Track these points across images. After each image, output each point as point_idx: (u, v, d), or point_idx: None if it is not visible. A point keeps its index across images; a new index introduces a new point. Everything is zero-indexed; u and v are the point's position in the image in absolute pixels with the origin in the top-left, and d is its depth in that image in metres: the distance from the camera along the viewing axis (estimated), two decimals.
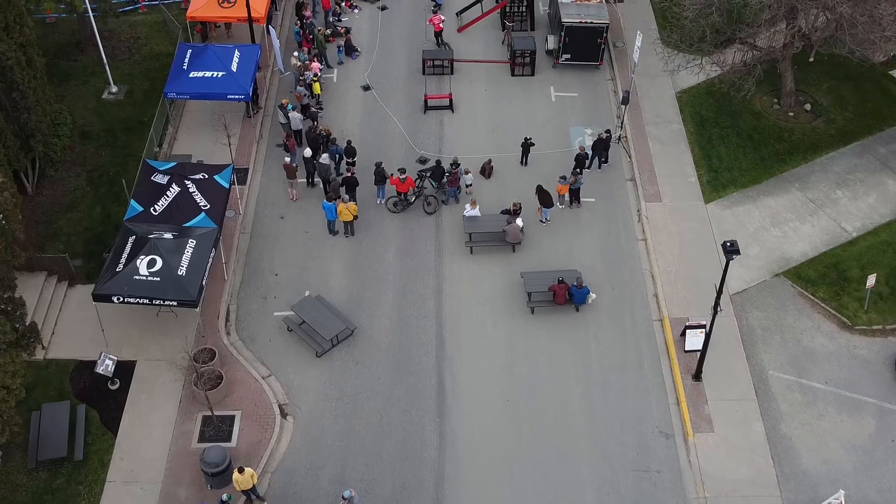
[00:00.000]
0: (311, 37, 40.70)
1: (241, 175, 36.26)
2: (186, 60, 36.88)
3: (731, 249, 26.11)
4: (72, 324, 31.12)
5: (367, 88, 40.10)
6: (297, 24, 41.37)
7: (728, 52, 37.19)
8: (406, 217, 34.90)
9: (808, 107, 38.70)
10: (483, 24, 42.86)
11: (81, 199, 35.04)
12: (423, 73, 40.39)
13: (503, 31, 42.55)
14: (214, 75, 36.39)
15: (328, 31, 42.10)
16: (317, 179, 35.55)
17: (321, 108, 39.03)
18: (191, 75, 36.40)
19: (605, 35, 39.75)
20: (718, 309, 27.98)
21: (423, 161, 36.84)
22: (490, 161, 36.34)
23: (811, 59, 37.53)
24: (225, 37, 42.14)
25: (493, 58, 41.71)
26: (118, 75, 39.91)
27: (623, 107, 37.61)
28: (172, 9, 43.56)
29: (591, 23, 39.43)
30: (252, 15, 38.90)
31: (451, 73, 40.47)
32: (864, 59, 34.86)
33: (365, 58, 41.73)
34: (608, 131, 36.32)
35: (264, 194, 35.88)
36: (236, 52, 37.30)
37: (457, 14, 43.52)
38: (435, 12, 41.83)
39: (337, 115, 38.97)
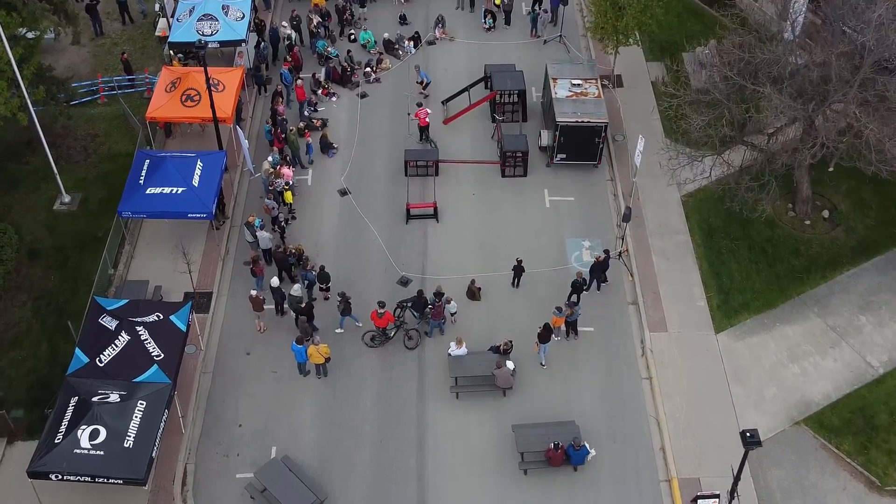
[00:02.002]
0: (283, 136, 37.28)
1: (204, 301, 32.91)
2: (143, 173, 33.47)
3: (751, 441, 22.80)
4: (8, 491, 27.75)
5: (344, 193, 36.73)
6: (268, 122, 37.92)
7: (737, 152, 34.02)
8: (385, 353, 31.54)
9: (825, 214, 35.38)
10: (471, 114, 39.47)
11: (26, 333, 31.69)
12: (406, 175, 37.02)
13: (493, 123, 39.18)
14: (173, 191, 32.98)
15: (303, 125, 38.71)
16: (287, 307, 32.20)
17: (294, 218, 35.68)
18: (147, 191, 32.99)
19: (603, 134, 36.38)
20: (736, 495, 24.68)
21: (404, 283, 33.49)
22: (474, 282, 33.01)
23: (830, 169, 34.19)
24: (188, 133, 38.70)
25: (481, 154, 38.33)
26: (72, 180, 36.50)
27: (624, 224, 34.23)
28: (135, 98, 40.21)
29: (589, 122, 36.06)
30: (218, 115, 35.51)
31: (436, 174, 37.10)
32: (891, 175, 31.55)
33: (343, 155, 38.32)
34: (607, 251, 32.99)
35: (229, 324, 32.50)
36: (199, 162, 33.88)
37: (442, 103, 40.14)
38: (420, 105, 38.39)
39: (311, 225, 35.58)
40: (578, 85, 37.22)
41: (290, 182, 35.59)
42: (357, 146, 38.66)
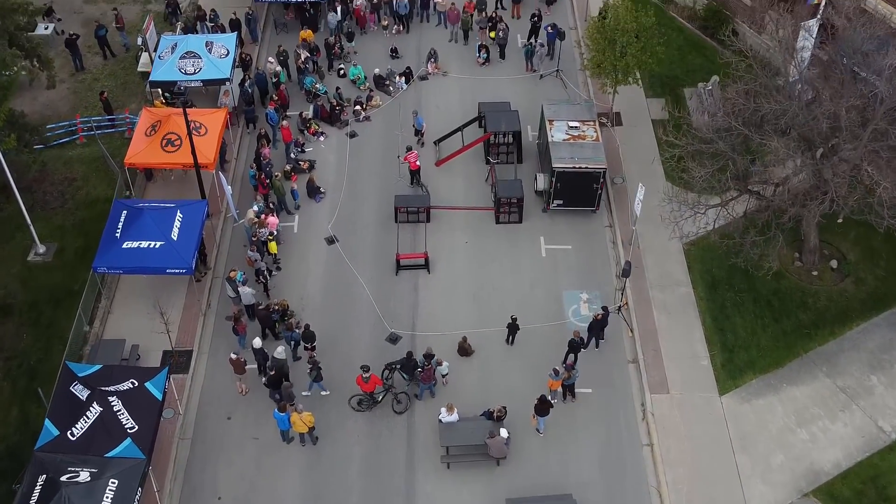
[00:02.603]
0: (267, 181, 35.76)
1: (184, 360, 31.40)
2: (120, 225, 31.91)
3: None
4: None
5: (331, 242, 35.21)
6: (252, 167, 36.38)
7: (742, 199, 32.54)
8: (372, 417, 30.03)
9: (833, 264, 33.87)
10: (464, 155, 37.94)
11: None
12: (396, 221, 35.50)
13: (487, 164, 37.68)
14: (151, 246, 31.43)
15: (289, 168, 37.19)
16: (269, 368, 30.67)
17: (279, 269, 34.18)
18: (124, 245, 31.43)
19: (602, 180, 34.87)
20: None
21: (393, 340, 31.98)
22: (466, 339, 31.51)
23: (840, 220, 32.69)
24: (170, 177, 37.15)
25: (475, 198, 36.81)
26: (47, 229, 35.00)
27: (624, 279, 32.74)
28: (115, 139, 38.67)
29: (586, 168, 34.54)
30: (200, 161, 34.00)
31: (428, 220, 35.58)
32: None
33: (331, 200, 36.78)
34: (605, 308, 31.48)
35: (210, 385, 30.99)
36: (178, 214, 32.33)
37: (435, 143, 38.61)
38: (409, 149, 36.83)
39: (296, 276, 34.07)
40: (576, 127, 35.71)
41: (275, 231, 34.05)
42: (345, 190, 37.13)
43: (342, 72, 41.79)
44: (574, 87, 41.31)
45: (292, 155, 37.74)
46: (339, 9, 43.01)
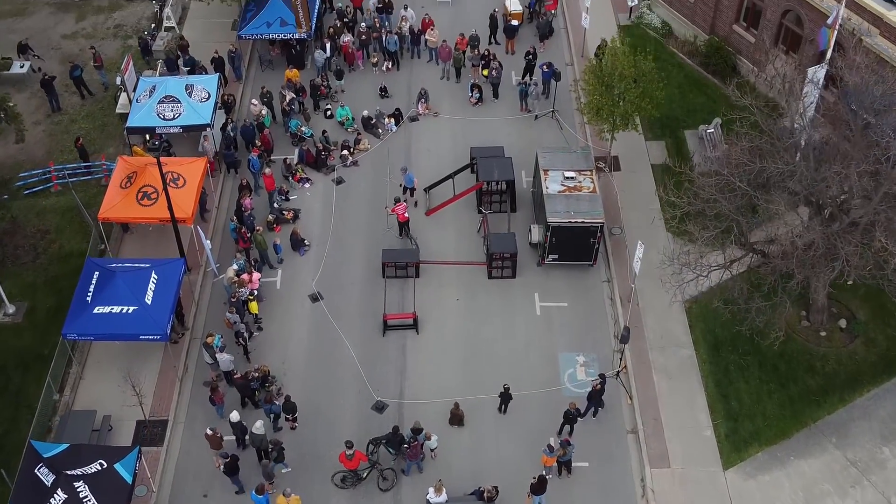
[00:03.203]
0: (248, 236, 34.12)
1: (159, 430, 29.80)
2: (91, 288, 30.29)
3: None
4: None
5: (315, 299, 33.59)
6: (232, 220, 34.73)
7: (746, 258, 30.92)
8: (357, 496, 28.42)
9: (842, 323, 32.27)
10: (456, 203, 36.31)
11: None
12: (384, 276, 33.88)
13: (479, 213, 36.06)
14: (124, 311, 29.80)
15: (272, 219, 35.57)
16: (248, 441, 29.09)
17: (260, 329, 32.59)
18: (95, 311, 29.80)
19: (599, 234, 33.27)
20: None
21: (379, 409, 30.37)
22: (458, 406, 29.90)
23: (850, 282, 31.05)
24: (148, 229, 35.48)
25: (466, 249, 35.21)
26: (18, 286, 33.39)
27: (623, 347, 31.12)
28: (91, 186, 37.05)
29: (583, 222, 32.93)
30: (177, 215, 32.41)
31: (417, 276, 33.98)
32: None
33: (315, 253, 35.17)
34: (602, 377, 29.87)
35: (185, 460, 29.36)
36: (153, 275, 30.69)
37: (425, 190, 36.98)
38: (398, 200, 35.17)
39: (278, 337, 32.45)
40: (571, 178, 34.07)
41: (255, 292, 32.43)
42: (331, 242, 35.49)
43: (329, 112, 40.17)
44: (570, 128, 39.67)
45: (276, 205, 36.10)
46: (327, 46, 41.37)
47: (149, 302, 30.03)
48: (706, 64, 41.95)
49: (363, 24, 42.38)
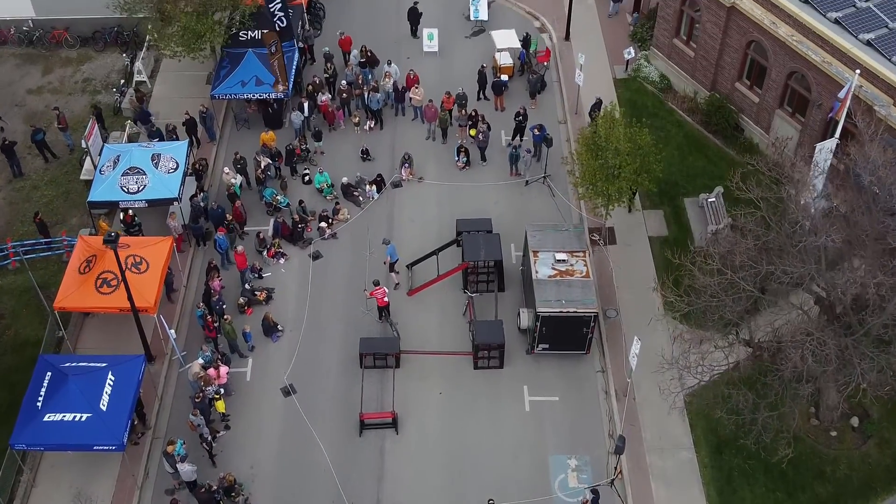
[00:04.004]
0: (215, 325, 31.78)
1: None
2: (43, 391, 28.00)
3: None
4: None
5: (288, 393, 31.28)
6: (199, 306, 32.38)
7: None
8: None
9: (854, 422, 29.99)
10: (441, 283, 33.97)
11: None
12: (361, 367, 31.58)
13: (464, 291, 33.75)
14: (77, 418, 27.50)
15: (243, 301, 33.26)
16: None
17: (227, 428, 30.30)
18: (46, 418, 27.50)
19: (592, 324, 30.97)
20: None
21: None
22: None
23: (863, 387, 28.72)
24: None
25: (450, 334, 32.92)
26: None
27: (618, 456, 28.79)
28: (52, 263, 34.74)
29: (576, 312, 30.62)
30: (139, 304, 30.13)
31: (397, 366, 31.68)
32: None
33: (289, 339, 32.85)
34: (595, 492, 27.58)
35: None
36: (109, 377, 28.38)
37: (408, 267, 34.67)
38: (377, 284, 32.83)
39: (247, 437, 30.16)
40: (563, 261, 31.76)
41: (222, 391, 30.10)
42: (306, 326, 33.17)
43: (307, 178, 37.83)
44: (563, 195, 37.31)
45: (248, 284, 33.77)
46: (305, 105, 39.01)
47: (104, 408, 27.71)
48: (707, 123, 39.63)
49: (344, 82, 40.04)
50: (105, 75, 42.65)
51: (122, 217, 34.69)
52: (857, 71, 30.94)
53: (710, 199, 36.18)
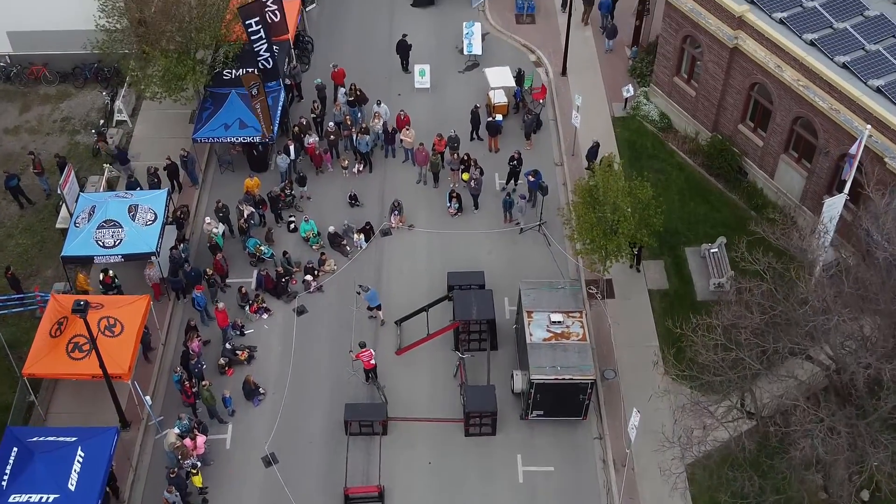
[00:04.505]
0: (193, 390, 30.28)
1: None
2: (8, 470, 26.46)
3: None
4: None
5: (269, 463, 29.79)
6: (176, 371, 30.84)
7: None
8: None
9: (865, 495, 28.42)
10: (431, 341, 32.45)
11: None
12: (347, 434, 30.07)
13: (455, 350, 32.25)
14: (43, 500, 25.99)
15: (224, 362, 31.76)
16: None
17: (205, 502, 28.78)
18: (11, 500, 25.98)
19: (589, 391, 29.47)
20: None
21: None
22: None
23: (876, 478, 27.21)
24: None
25: (441, 397, 31.46)
26: None
27: None
28: (25, 320, 33.21)
29: (572, 379, 29.11)
30: (112, 371, 28.66)
31: (384, 433, 30.17)
32: None
33: (272, 402, 31.35)
34: None
35: None
36: (79, 452, 26.88)
37: (396, 323, 33.19)
38: (363, 346, 31.30)
39: None
40: (558, 323, 30.23)
41: (198, 464, 28.57)
42: (289, 388, 31.68)
43: (293, 225, 36.31)
44: (559, 245, 35.75)
45: (228, 344, 32.23)
46: (291, 148, 37.48)
47: (72, 488, 26.22)
48: (709, 166, 38.09)
49: (331, 123, 38.50)
50: (84, 114, 41.09)
51: (101, 278, 33.15)
52: (868, 127, 29.35)
53: (712, 250, 34.71)
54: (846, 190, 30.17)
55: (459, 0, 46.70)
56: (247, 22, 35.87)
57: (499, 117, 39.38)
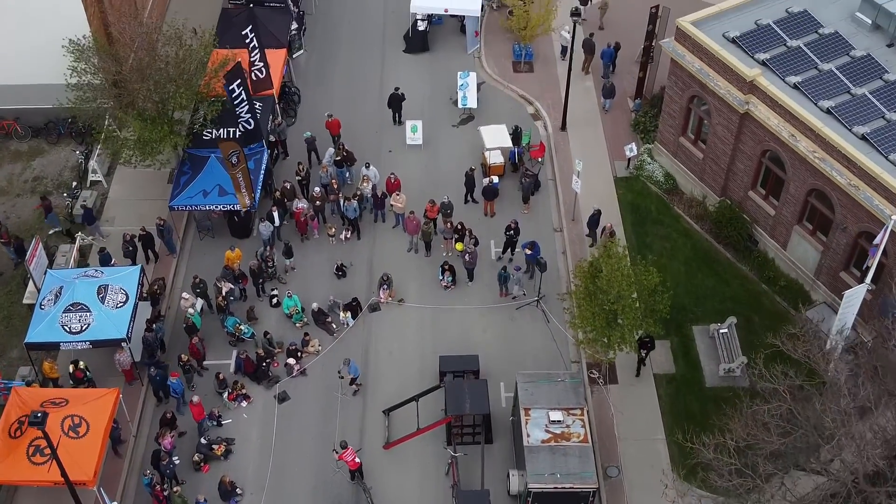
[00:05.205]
0: (164, 495, 28.11)
1: None
2: None
3: None
4: None
5: None
6: (146, 473, 28.68)
7: None
8: None
9: None
10: (421, 435, 30.36)
11: None
12: None
13: (448, 446, 30.07)
14: None
15: (198, 458, 29.61)
16: None
17: None
18: None
19: (591, 499, 27.32)
20: None
21: None
22: None
23: None
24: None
25: (432, 498, 29.35)
26: None
27: None
28: None
29: (572, 488, 26.97)
30: (75, 478, 26.47)
31: None
32: None
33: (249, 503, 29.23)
34: None
35: None
36: None
37: (384, 412, 31.05)
38: (345, 446, 29.11)
39: None
40: (558, 423, 28.10)
41: None
42: (269, 487, 29.52)
43: (276, 300, 34.15)
44: (558, 322, 33.61)
45: (203, 439, 30.06)
46: (275, 214, 35.31)
47: None
48: (718, 233, 35.94)
49: (317, 189, 36.31)
50: (57, 173, 38.88)
51: (70, 370, 30.97)
52: (894, 217, 27.25)
53: (721, 330, 32.62)
54: (869, 279, 28.08)
55: (454, 46, 44.58)
56: (230, 87, 33.70)
57: (495, 179, 37.16)
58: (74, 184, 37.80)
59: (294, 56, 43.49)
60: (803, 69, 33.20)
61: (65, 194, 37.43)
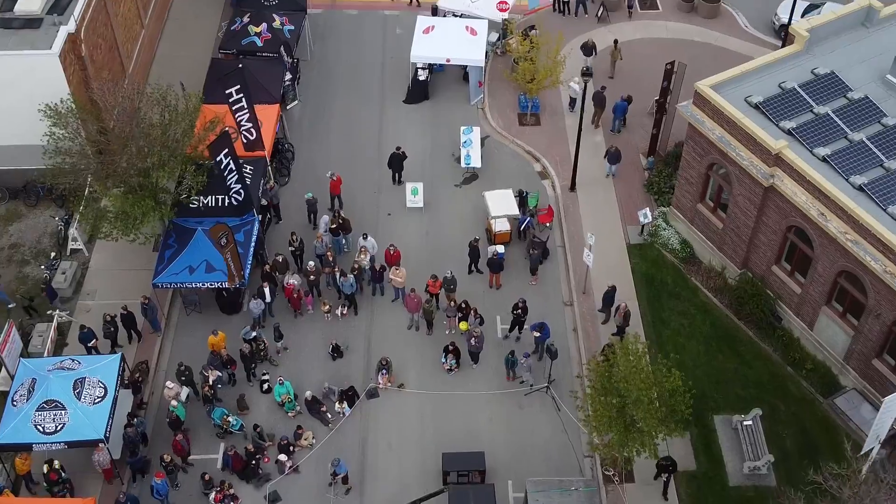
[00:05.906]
0: None
1: None
2: None
3: None
4: None
5: None
6: None
7: None
8: None
9: None
10: None
11: None
12: None
13: None
14: None
15: None
16: None
17: None
18: None
19: None
20: None
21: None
22: None
23: None
24: None
25: None
26: None
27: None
28: None
29: None
30: None
31: None
32: None
33: None
34: None
35: None
36: None
37: None
38: None
39: None
40: None
41: None
42: None
43: (267, 386, 31.89)
44: (569, 411, 31.32)
45: None
46: (265, 291, 33.04)
47: None
48: (738, 309, 33.66)
49: (311, 263, 34.01)
50: (35, 240, 36.61)
51: (45, 471, 28.69)
52: None
53: (745, 423, 30.33)
54: None
55: (456, 95, 42.33)
56: (217, 159, 31.46)
57: (500, 249, 34.85)
58: (53, 254, 35.49)
59: (288, 108, 41.27)
60: (832, 139, 30.97)
61: (42, 266, 35.11)
